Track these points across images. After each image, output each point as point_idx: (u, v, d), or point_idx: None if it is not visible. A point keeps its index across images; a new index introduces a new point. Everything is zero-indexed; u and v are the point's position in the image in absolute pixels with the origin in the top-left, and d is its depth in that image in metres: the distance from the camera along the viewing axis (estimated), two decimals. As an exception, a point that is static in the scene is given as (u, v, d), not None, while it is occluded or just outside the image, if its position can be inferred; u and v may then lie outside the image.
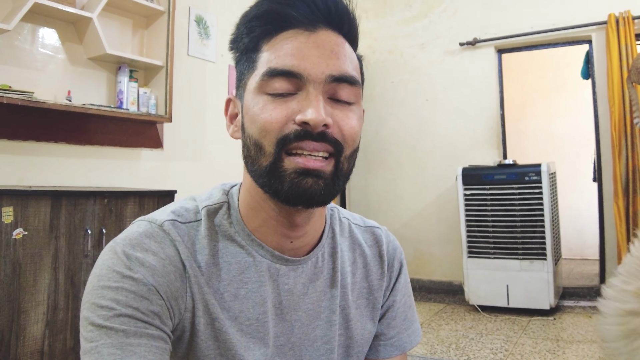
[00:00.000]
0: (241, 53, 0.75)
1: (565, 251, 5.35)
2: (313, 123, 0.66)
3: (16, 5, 2.51)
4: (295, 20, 0.69)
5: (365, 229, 0.92)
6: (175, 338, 0.71)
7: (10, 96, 2.39)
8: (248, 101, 0.72)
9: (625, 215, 3.99)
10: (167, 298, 0.68)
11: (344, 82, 0.70)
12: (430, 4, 4.95)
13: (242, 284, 0.75)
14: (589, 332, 3.36)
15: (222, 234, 0.76)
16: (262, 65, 0.70)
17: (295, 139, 0.67)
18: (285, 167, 0.68)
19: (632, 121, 3.85)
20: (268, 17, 0.70)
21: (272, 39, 0.70)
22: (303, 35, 0.69)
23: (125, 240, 0.70)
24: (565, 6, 4.32)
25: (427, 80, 4.92)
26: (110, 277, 0.66)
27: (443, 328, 3.61)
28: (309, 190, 0.68)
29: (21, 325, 2.10)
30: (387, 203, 4.99)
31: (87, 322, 0.64)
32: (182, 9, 3.50)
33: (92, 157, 2.96)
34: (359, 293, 0.87)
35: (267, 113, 0.68)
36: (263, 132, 0.68)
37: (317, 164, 0.68)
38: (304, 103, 0.67)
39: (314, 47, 0.69)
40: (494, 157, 4.56)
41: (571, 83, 5.77)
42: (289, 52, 0.68)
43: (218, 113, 3.81)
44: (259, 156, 0.70)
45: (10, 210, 2.09)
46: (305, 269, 0.80)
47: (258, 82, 0.70)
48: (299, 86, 0.68)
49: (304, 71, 0.68)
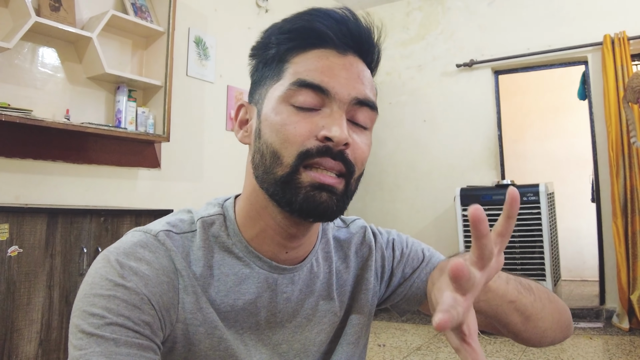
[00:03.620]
0: (265, 61, 0.76)
1: (565, 272, 5.32)
2: (337, 140, 0.68)
3: (17, 24, 2.54)
4: (330, 41, 0.72)
5: (348, 225, 0.93)
6: (166, 350, 0.70)
7: (9, 114, 2.39)
8: (268, 109, 0.72)
9: (624, 235, 3.98)
10: (159, 308, 0.67)
11: (365, 106, 0.73)
12: (428, 26, 5.01)
13: (239, 295, 0.74)
14: (589, 353, 3.32)
15: (219, 246, 0.76)
16: (290, 77, 0.71)
17: (317, 155, 0.69)
18: (301, 180, 0.69)
19: (629, 141, 3.86)
20: (304, 32, 0.72)
21: (303, 54, 0.72)
22: (334, 56, 0.72)
23: (119, 249, 0.69)
24: (561, 27, 4.37)
25: (424, 101, 4.96)
26: (102, 285, 0.65)
27: (442, 350, 3.57)
28: (323, 204, 0.69)
29: (14, 344, 2.07)
30: (385, 225, 4.90)
31: (77, 329, 0.63)
32: (182, 30, 3.54)
33: (89, 176, 2.95)
34: (353, 285, 0.88)
35: (291, 125, 0.69)
36: (285, 143, 0.69)
37: (332, 180, 0.70)
38: (328, 120, 0.69)
39: (343, 68, 0.71)
40: (492, 177, 4.56)
41: (568, 104, 5.81)
42: (320, 69, 0.70)
43: (216, 133, 3.82)
44: (275, 165, 0.70)
45: (5, 227, 2.08)
46: (301, 276, 0.80)
47: (284, 92, 0.71)
48: (323, 102, 0.70)
49: (332, 89, 0.70)
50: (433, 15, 5.01)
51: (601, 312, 4.22)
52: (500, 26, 4.66)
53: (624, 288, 3.93)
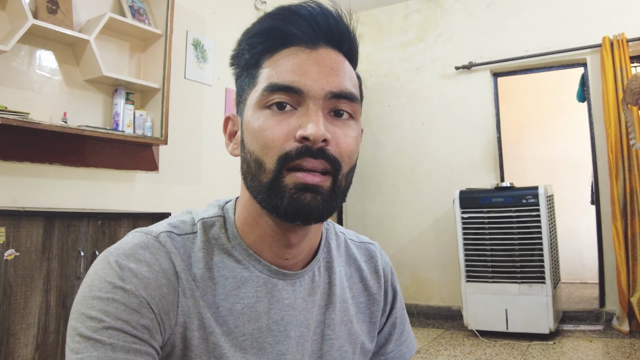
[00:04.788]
0: (242, 69, 0.76)
1: (564, 275, 5.31)
2: (313, 138, 0.67)
3: (14, 27, 2.53)
4: (296, 38, 0.71)
5: (360, 245, 0.92)
6: (165, 354, 0.68)
7: (6, 116, 2.38)
8: (248, 117, 0.72)
9: (623, 237, 3.97)
10: (158, 312, 0.66)
11: (343, 99, 0.71)
12: (426, 29, 5.00)
13: (238, 298, 0.73)
14: (589, 356, 3.31)
15: (219, 248, 0.75)
16: (263, 81, 0.70)
17: (297, 157, 0.67)
18: (285, 183, 0.68)
19: (629, 143, 3.86)
20: (270, 34, 0.72)
21: (273, 56, 0.71)
22: (304, 53, 0.71)
23: (119, 250, 0.69)
24: (560, 30, 4.37)
25: (423, 103, 4.95)
26: (101, 288, 0.64)
27: (441, 354, 3.56)
28: (308, 205, 0.68)
29: (10, 348, 2.06)
30: (384, 227, 4.97)
31: (75, 332, 0.62)
32: (180, 32, 3.53)
33: (86, 179, 2.94)
34: (357, 308, 0.87)
35: (269, 130, 0.68)
36: (265, 150, 0.68)
37: (316, 179, 0.68)
38: (303, 118, 0.68)
39: (314, 64, 0.70)
40: (491, 180, 4.55)
41: (567, 106, 5.81)
42: (290, 69, 0.69)
43: (214, 136, 3.81)
44: (259, 172, 0.69)
45: (2, 230, 2.07)
46: (303, 283, 0.79)
47: (258, 97, 0.70)
48: (299, 102, 0.69)
49: (304, 87, 0.69)
50: (431, 18, 5.01)
51: (601, 314, 4.21)
52: (499, 28, 4.66)
53: (623, 290, 3.92)
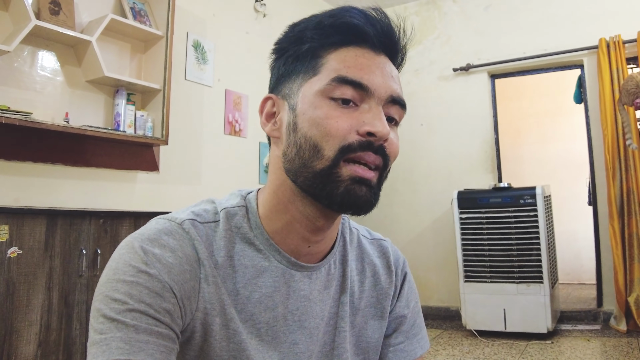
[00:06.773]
0: (297, 56, 0.76)
1: (562, 275, 5.33)
2: (380, 135, 0.70)
3: (17, 28, 2.55)
4: (369, 40, 0.74)
5: (372, 241, 0.94)
6: (185, 339, 0.70)
7: (9, 116, 2.40)
8: (306, 103, 0.73)
9: (620, 237, 3.99)
10: (180, 297, 0.67)
11: (398, 105, 0.76)
12: (424, 31, 5.04)
13: (256, 287, 0.75)
14: (587, 355, 3.33)
15: (240, 236, 0.76)
16: (329, 72, 0.72)
17: (359, 149, 0.70)
18: (341, 173, 0.70)
19: (625, 143, 3.89)
20: (345, 29, 0.74)
21: (338, 50, 0.74)
22: (370, 54, 0.74)
23: (143, 236, 0.70)
24: (556, 32, 4.40)
25: (421, 105, 4.98)
26: (125, 271, 0.66)
27: (440, 354, 3.58)
28: (363, 197, 0.71)
29: (13, 346, 2.07)
30: (383, 228, 4.98)
31: (99, 313, 0.64)
32: (180, 34, 3.55)
33: (88, 179, 2.96)
34: (368, 301, 0.88)
35: (332, 119, 0.71)
36: (326, 137, 0.70)
37: (371, 174, 0.72)
38: (368, 115, 0.71)
39: (379, 67, 0.74)
40: (489, 180, 4.58)
41: (564, 108, 5.84)
42: (359, 66, 0.72)
43: (214, 137, 3.83)
44: (315, 158, 0.71)
45: (5, 228, 2.09)
46: (319, 276, 0.81)
47: (324, 87, 0.72)
48: (362, 99, 0.72)
49: (372, 85, 0.72)
50: (430, 20, 5.04)
51: (599, 314, 4.24)
52: (496, 30, 4.70)
53: (621, 290, 3.94)
